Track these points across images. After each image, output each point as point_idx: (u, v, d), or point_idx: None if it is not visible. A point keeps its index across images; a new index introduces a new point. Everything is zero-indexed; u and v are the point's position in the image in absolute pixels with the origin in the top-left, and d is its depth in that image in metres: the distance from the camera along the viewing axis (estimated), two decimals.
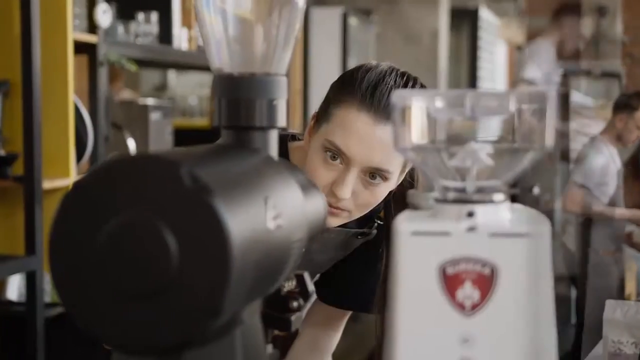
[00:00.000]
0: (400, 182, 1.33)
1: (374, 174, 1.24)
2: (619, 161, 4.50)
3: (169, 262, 0.61)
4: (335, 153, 1.24)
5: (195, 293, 0.60)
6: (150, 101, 3.35)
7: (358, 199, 1.26)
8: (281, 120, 0.86)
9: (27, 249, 2.48)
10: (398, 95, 0.74)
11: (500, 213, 0.70)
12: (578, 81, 4.85)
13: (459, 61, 7.64)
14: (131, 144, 3.07)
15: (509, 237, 0.67)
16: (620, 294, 4.37)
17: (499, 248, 0.67)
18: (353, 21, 5.02)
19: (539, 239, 0.67)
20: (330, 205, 1.25)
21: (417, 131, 0.75)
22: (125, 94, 4.36)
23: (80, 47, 2.74)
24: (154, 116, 3.24)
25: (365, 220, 1.40)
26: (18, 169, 2.52)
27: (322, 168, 1.26)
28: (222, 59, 0.87)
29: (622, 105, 4.36)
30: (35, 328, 2.47)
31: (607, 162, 4.34)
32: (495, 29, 8.40)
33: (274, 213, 0.72)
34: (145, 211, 0.61)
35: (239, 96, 0.84)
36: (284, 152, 1.39)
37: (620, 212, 4.44)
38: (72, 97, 2.62)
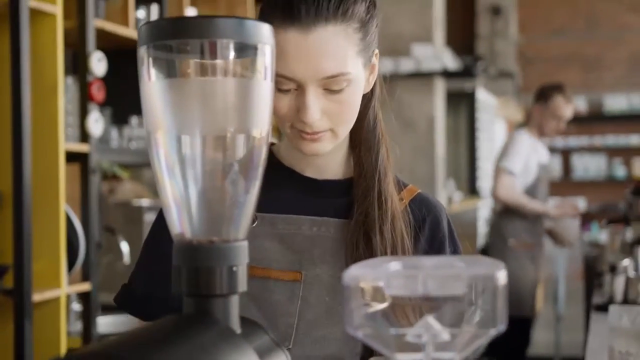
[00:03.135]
0: (373, 80, 1.26)
1: (332, 82, 1.15)
2: (544, 154, 4.62)
3: None
4: (285, 82, 1.15)
5: None
6: (145, 202, 3.36)
7: (331, 114, 1.17)
8: (242, 286, 0.86)
9: None
10: (350, 276, 0.74)
11: None
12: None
13: (457, 142, 7.69)
14: (124, 248, 3.06)
15: None
16: (532, 294, 4.40)
17: None
18: None
19: None
20: (307, 134, 1.18)
21: (371, 308, 0.75)
22: (127, 187, 4.38)
23: (73, 156, 2.77)
24: (149, 217, 3.25)
25: None
26: (8, 281, 2.51)
27: (279, 102, 1.17)
28: (182, 225, 0.87)
29: (538, 97, 4.59)
30: None
31: (529, 152, 4.48)
32: (493, 108, 8.48)
33: None
34: None
35: (199, 264, 0.84)
36: None
37: (535, 205, 4.48)
38: (63, 207, 2.63)
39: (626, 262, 3.04)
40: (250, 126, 0.86)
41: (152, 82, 0.83)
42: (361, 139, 1.26)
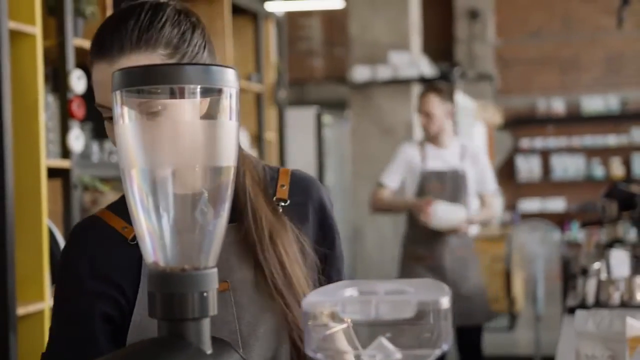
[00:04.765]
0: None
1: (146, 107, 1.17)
2: (438, 161, 4.23)
3: None
4: (105, 111, 1.22)
5: None
6: None
7: None
8: (212, 309, 0.92)
9: None
10: (308, 302, 0.81)
11: None
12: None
13: None
14: None
15: None
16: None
17: None
18: (327, 119, 5.14)
19: None
20: None
21: (328, 331, 0.82)
22: (110, 198, 4.41)
23: (54, 172, 2.82)
24: None
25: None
26: None
27: (111, 132, 1.23)
28: (156, 254, 0.93)
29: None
30: None
31: (406, 163, 4.23)
32: (471, 111, 8.57)
33: None
34: None
35: (172, 291, 0.90)
36: None
37: (476, 218, 4.23)
38: (45, 222, 2.69)
39: (597, 264, 3.11)
40: (218, 161, 0.93)
41: (125, 124, 0.90)
42: None
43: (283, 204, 1.31)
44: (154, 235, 0.92)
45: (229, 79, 0.92)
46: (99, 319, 1.25)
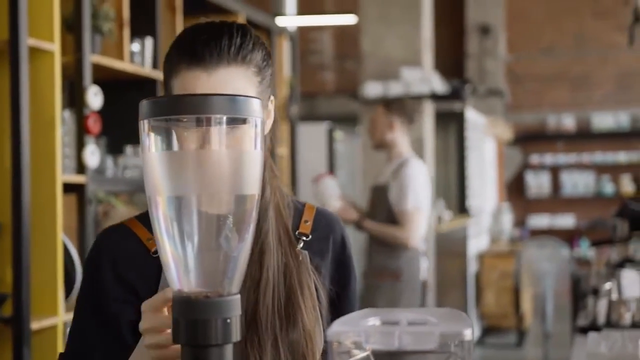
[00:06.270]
0: (269, 125, 1.34)
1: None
2: (383, 175, 4.17)
3: None
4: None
5: None
6: None
7: None
8: (235, 336, 0.93)
9: None
10: (332, 332, 0.82)
11: None
12: None
13: (447, 162, 7.78)
14: None
15: None
16: None
17: None
18: (339, 135, 5.15)
19: None
20: None
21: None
22: (122, 210, 4.43)
23: (70, 187, 2.85)
24: None
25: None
26: (7, 309, 2.58)
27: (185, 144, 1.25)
28: (180, 282, 0.95)
29: None
30: None
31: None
32: (482, 127, 8.58)
33: None
34: None
35: (196, 317, 0.92)
36: None
37: (370, 225, 4.05)
38: (60, 237, 2.71)
39: (609, 285, 3.10)
40: (242, 189, 0.94)
41: (152, 153, 0.92)
42: None
43: (305, 238, 1.33)
44: (178, 262, 0.94)
45: (254, 109, 0.93)
46: (121, 319, 1.27)
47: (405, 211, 3.92)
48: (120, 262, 1.28)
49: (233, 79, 1.22)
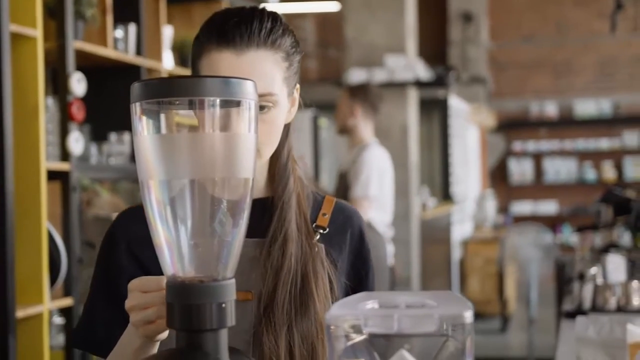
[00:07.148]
0: (294, 113, 1.33)
1: (260, 100, 1.20)
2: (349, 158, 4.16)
3: None
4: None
5: None
6: None
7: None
8: (230, 320, 0.92)
9: None
10: (331, 316, 0.81)
11: None
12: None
13: (431, 149, 7.80)
14: None
15: None
16: None
17: None
18: (323, 122, 5.14)
19: None
20: None
21: (350, 342, 0.82)
22: (105, 199, 4.40)
23: (54, 174, 2.82)
24: None
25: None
26: None
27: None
28: (174, 266, 0.93)
29: None
30: None
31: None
32: (465, 114, 8.60)
33: None
34: None
35: (190, 302, 0.91)
36: None
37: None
38: (45, 225, 2.68)
39: (594, 270, 3.12)
40: (236, 172, 0.93)
41: (144, 136, 0.90)
42: (274, 172, 1.32)
43: (322, 231, 1.32)
44: (172, 246, 0.92)
45: (248, 91, 0.92)
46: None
47: (353, 198, 3.92)
48: (135, 242, 1.28)
49: (261, 62, 1.22)
